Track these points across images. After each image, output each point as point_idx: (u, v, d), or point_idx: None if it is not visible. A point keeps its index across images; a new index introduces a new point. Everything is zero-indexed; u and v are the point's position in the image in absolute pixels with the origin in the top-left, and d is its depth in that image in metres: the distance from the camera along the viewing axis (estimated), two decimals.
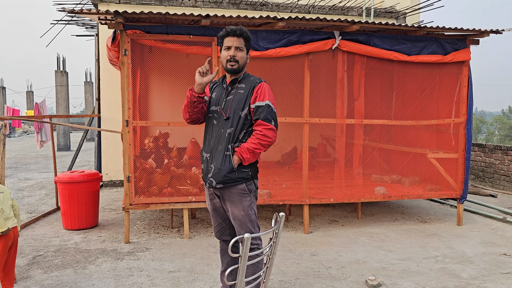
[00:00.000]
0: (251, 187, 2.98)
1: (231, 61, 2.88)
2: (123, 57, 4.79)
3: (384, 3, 9.37)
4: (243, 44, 2.91)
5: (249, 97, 2.91)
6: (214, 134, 2.95)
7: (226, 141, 2.89)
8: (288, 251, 4.71)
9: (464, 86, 5.70)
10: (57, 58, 19.95)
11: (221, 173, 2.87)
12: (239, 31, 2.88)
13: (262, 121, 2.87)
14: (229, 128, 2.89)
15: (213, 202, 3.09)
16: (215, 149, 2.92)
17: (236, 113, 2.89)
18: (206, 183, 3.00)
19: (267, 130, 2.87)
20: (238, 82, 2.97)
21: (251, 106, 2.90)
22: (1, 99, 26.82)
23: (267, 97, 2.91)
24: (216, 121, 2.95)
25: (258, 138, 2.86)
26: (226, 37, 2.91)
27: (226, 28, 2.92)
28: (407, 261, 4.45)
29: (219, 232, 3.16)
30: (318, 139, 7.89)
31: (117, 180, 8.63)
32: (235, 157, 2.88)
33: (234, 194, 2.92)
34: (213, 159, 2.93)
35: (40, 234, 5.29)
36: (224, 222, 3.12)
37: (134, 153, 5.01)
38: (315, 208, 6.61)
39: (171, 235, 5.28)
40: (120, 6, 8.15)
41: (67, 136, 18.40)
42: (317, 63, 5.53)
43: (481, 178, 9.06)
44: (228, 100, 2.93)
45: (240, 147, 2.89)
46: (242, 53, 2.91)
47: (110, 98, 8.38)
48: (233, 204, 2.94)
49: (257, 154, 2.90)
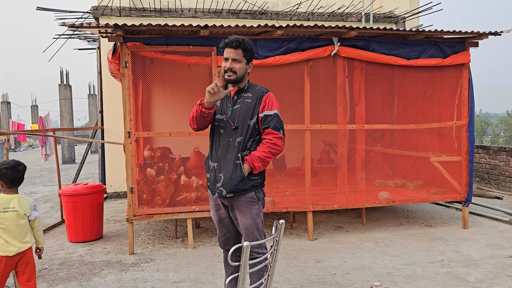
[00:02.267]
0: (259, 195, 2.98)
1: (228, 72, 2.90)
2: (123, 69, 4.84)
3: (383, 8, 9.40)
4: (241, 55, 2.90)
5: (257, 106, 2.93)
6: (222, 143, 2.94)
7: (236, 150, 2.88)
8: (292, 258, 4.69)
9: (465, 88, 5.69)
10: (60, 72, 20.12)
11: (232, 182, 2.86)
12: (236, 42, 2.88)
13: (272, 129, 2.90)
14: (239, 137, 2.89)
15: (218, 213, 3.08)
16: (224, 158, 2.91)
17: (245, 122, 2.91)
18: (215, 193, 2.96)
19: (276, 139, 2.90)
20: (244, 91, 2.98)
21: (259, 115, 2.92)
22: (6, 114, 27.03)
23: (275, 106, 2.95)
24: (223, 130, 2.94)
25: (269, 147, 2.88)
26: (225, 48, 2.92)
27: (224, 39, 2.93)
28: (413, 265, 4.42)
29: (223, 242, 3.15)
30: (321, 146, 7.89)
31: (121, 192, 8.66)
32: (246, 165, 2.88)
33: (243, 203, 2.91)
34: (221, 168, 2.91)
35: (45, 247, 5.30)
36: (229, 233, 3.11)
37: (137, 163, 5.03)
38: (319, 215, 6.59)
39: (175, 245, 5.28)
40: (121, 19, 8.23)
41: (72, 149, 18.50)
42: (317, 69, 5.55)
43: (486, 180, 9.00)
44: (235, 109, 2.94)
45: (250, 155, 2.89)
46: (239, 64, 2.90)
47: (113, 110, 8.43)
48: (241, 213, 2.92)
49: (267, 162, 2.91)
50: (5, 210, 3.10)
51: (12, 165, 3.18)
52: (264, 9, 8.90)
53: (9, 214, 3.10)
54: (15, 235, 3.10)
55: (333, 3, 9.25)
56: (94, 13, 8.24)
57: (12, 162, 3.21)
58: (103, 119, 8.71)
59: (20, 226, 3.12)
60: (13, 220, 3.10)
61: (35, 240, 3.29)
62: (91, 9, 8.28)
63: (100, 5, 8.24)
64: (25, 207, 3.16)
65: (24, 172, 3.26)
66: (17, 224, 3.11)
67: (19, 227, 3.12)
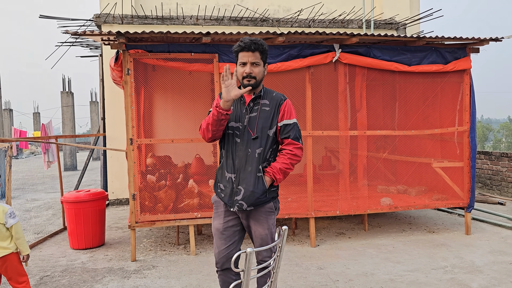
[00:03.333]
0: (276, 205, 2.89)
1: (247, 77, 2.72)
2: (126, 77, 4.86)
3: (383, 15, 9.44)
4: (259, 58, 2.73)
5: (276, 115, 2.79)
6: (240, 153, 2.77)
7: (256, 162, 2.75)
8: (295, 265, 4.68)
9: (466, 94, 5.70)
10: (62, 79, 20.20)
11: (254, 195, 2.73)
12: (254, 45, 2.68)
13: (292, 140, 2.79)
14: (258, 148, 2.76)
15: (226, 220, 2.86)
16: (243, 169, 2.76)
17: (264, 131, 2.76)
18: (233, 206, 2.77)
19: (297, 149, 2.80)
20: (261, 98, 2.83)
21: (278, 124, 2.79)
22: (8, 121, 27.12)
23: (294, 115, 2.83)
24: (240, 139, 2.78)
25: (290, 158, 2.78)
26: (241, 52, 2.72)
27: (240, 41, 2.73)
28: (416, 272, 4.40)
29: (224, 257, 2.82)
30: (323, 152, 7.88)
31: (124, 198, 8.66)
32: (267, 178, 2.76)
33: (261, 213, 2.81)
34: (241, 180, 2.76)
35: (47, 255, 5.30)
36: (232, 246, 2.86)
37: (139, 170, 5.04)
38: (321, 221, 6.57)
39: (177, 252, 5.27)
40: (123, 26, 8.28)
41: (74, 156, 18.53)
42: (318, 76, 5.57)
43: (489, 186, 8.98)
44: (253, 118, 2.78)
45: (271, 167, 2.78)
46: (258, 68, 2.74)
47: (115, 117, 8.46)
48: (258, 223, 2.81)
49: (288, 174, 2.80)
50: None
51: None
52: (265, 16, 8.95)
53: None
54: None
55: (334, 10, 9.29)
56: (97, 21, 8.30)
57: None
58: (105, 126, 8.74)
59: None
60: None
61: (17, 247, 3.29)
62: (94, 17, 8.34)
63: (103, 13, 8.30)
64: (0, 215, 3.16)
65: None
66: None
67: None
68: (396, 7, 9.52)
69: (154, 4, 8.61)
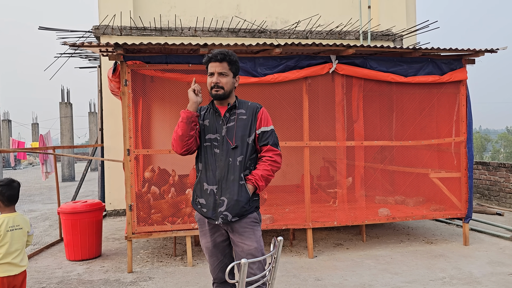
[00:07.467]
0: (259, 216, 2.84)
1: (215, 87, 2.78)
2: (123, 87, 4.88)
3: (380, 26, 9.53)
4: (227, 68, 2.77)
5: (254, 122, 2.81)
6: (221, 163, 2.75)
7: (238, 170, 2.73)
8: (292, 276, 4.65)
9: (463, 105, 5.73)
10: (61, 90, 20.26)
11: (239, 204, 2.69)
12: (221, 55, 2.75)
13: (272, 146, 2.80)
14: (239, 156, 2.75)
15: (214, 237, 2.81)
16: (225, 179, 2.73)
17: (244, 140, 2.77)
18: (217, 219, 2.70)
19: (276, 156, 2.81)
20: (236, 108, 2.84)
21: (256, 132, 2.81)
22: (7, 132, 27.11)
23: (271, 122, 2.86)
24: (219, 150, 2.76)
25: (270, 164, 2.78)
26: (209, 63, 2.80)
27: (208, 53, 2.81)
28: (414, 283, 4.38)
29: (221, 270, 2.83)
30: (321, 162, 7.88)
31: (121, 209, 8.62)
32: (250, 185, 2.74)
33: (246, 225, 2.73)
34: (223, 190, 2.72)
35: (43, 266, 5.26)
36: (226, 258, 2.85)
37: (137, 181, 5.03)
38: (319, 232, 6.55)
39: (174, 263, 5.24)
40: (121, 38, 8.33)
41: (72, 166, 18.49)
42: (315, 87, 5.60)
43: (487, 196, 8.98)
44: (231, 127, 2.78)
45: (252, 174, 2.76)
46: (226, 78, 2.78)
47: (113, 128, 8.46)
48: (244, 236, 2.72)
49: (269, 181, 2.79)
50: (12, 229, 3.09)
51: (6, 182, 3.19)
52: (263, 28, 9.02)
53: (17, 232, 3.11)
54: (20, 253, 3.11)
55: (331, 21, 9.37)
56: (95, 32, 8.35)
57: (6, 180, 3.22)
58: (103, 137, 8.74)
59: (24, 244, 3.16)
60: (20, 237, 3.12)
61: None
62: (93, 28, 8.39)
63: (101, 24, 8.35)
64: (27, 224, 3.21)
65: (19, 188, 3.26)
66: (22, 242, 3.13)
67: (24, 244, 3.15)
68: (392, 19, 9.60)
69: (153, 16, 8.67)
